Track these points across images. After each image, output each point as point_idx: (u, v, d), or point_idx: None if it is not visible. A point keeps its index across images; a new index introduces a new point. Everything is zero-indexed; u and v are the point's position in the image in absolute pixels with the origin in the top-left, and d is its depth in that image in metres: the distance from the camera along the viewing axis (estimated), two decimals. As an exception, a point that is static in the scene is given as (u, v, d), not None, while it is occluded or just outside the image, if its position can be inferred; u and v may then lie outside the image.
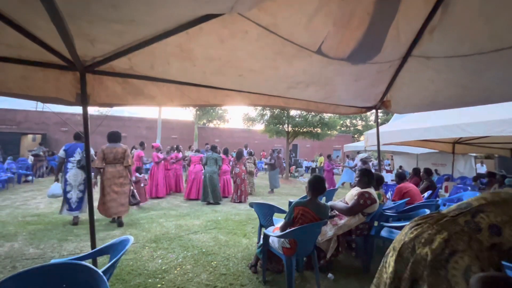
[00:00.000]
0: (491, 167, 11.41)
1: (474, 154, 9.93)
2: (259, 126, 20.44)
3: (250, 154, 8.79)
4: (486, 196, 1.26)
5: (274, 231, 2.55)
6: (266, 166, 10.54)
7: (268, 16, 1.70)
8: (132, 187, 4.50)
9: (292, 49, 1.98)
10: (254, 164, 8.59)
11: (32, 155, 11.19)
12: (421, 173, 5.58)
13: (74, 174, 4.24)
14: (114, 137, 4.45)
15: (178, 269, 2.73)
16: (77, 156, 4.31)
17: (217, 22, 1.70)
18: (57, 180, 4.36)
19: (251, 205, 3.30)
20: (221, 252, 3.21)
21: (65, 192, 4.22)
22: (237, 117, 37.06)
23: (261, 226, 3.29)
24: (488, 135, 4.15)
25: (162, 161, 7.10)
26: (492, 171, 5.81)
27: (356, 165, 9.48)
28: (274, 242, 2.42)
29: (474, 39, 1.97)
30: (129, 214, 5.00)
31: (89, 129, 2.30)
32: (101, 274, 1.22)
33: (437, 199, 4.81)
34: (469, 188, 5.56)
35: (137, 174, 5.86)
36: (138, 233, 3.88)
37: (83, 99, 2.15)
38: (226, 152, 7.54)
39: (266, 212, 3.14)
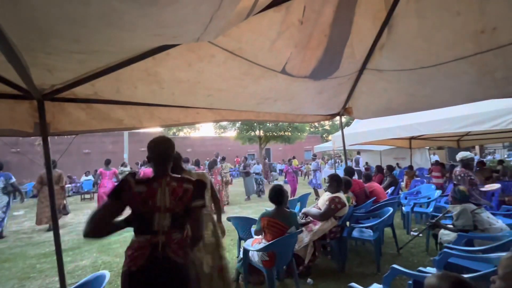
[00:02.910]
0: (442, 157, 12.67)
1: (428, 147, 10.97)
2: (231, 133, 20.50)
3: (223, 159, 8.67)
4: None
5: (253, 244, 2.60)
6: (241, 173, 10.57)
7: (233, 41, 1.78)
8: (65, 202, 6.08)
9: (258, 70, 2.08)
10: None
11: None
12: (384, 170, 6.03)
13: None
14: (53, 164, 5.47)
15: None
16: (0, 183, 5.20)
17: (183, 47, 1.74)
18: None
19: (229, 219, 3.32)
20: (202, 270, 3.16)
21: None
22: (208, 125, 36.56)
23: (240, 239, 3.32)
24: (437, 132, 4.67)
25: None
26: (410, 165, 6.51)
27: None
28: (253, 256, 2.47)
29: (416, 56, 2.25)
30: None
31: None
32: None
33: (400, 193, 5.25)
34: (425, 180, 6.15)
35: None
36: (111, 259, 3.67)
37: (43, 129, 2.02)
38: (197, 163, 7.44)
39: (244, 225, 3.18)
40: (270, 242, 2.27)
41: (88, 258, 3.77)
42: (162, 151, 1.51)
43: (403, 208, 4.50)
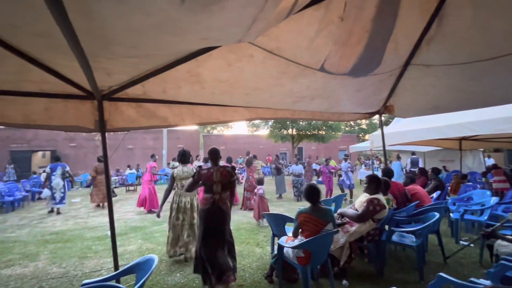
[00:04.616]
0: (500, 161, 11.26)
1: (482, 149, 9.84)
2: (264, 131, 20.62)
3: (255, 157, 8.71)
4: None
5: (287, 241, 2.62)
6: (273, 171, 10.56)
7: (272, 40, 1.81)
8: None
9: (296, 68, 2.09)
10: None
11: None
12: (428, 173, 5.58)
13: (56, 183, 6.75)
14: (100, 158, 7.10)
15: (196, 281, 2.81)
16: (59, 171, 6.87)
17: (224, 48, 1.82)
18: (46, 187, 6.91)
19: (263, 215, 3.38)
20: (237, 263, 3.28)
21: (51, 193, 6.78)
22: (241, 123, 37.11)
23: (273, 235, 3.36)
24: (494, 133, 4.18)
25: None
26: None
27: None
28: (288, 252, 2.49)
29: (471, 48, 2.05)
30: (143, 227, 5.13)
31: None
32: (133, 294, 1.33)
33: (447, 199, 4.82)
34: (478, 186, 5.55)
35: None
36: (154, 247, 3.98)
37: (101, 125, 2.28)
38: (229, 160, 7.63)
39: (278, 222, 3.21)
40: (306, 239, 2.28)
41: (134, 244, 4.14)
42: (215, 155, 2.90)
43: (451, 214, 4.13)
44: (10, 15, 1.12)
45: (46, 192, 6.89)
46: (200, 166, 2.85)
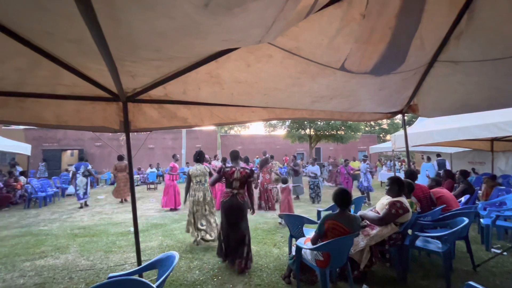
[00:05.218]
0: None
1: (517, 150, 9.14)
2: (281, 131, 20.52)
3: (272, 157, 8.66)
4: None
5: (305, 243, 2.59)
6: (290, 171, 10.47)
7: (291, 40, 1.80)
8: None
9: (315, 68, 2.06)
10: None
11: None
12: (456, 175, 5.28)
13: (80, 180, 7.49)
14: (122, 157, 8.24)
15: (215, 279, 2.86)
16: (82, 169, 7.57)
17: (244, 49, 1.84)
18: (72, 184, 8.18)
19: (281, 216, 3.37)
20: (254, 263, 3.29)
21: (75, 189, 7.57)
22: (258, 123, 37.22)
23: (291, 236, 3.33)
24: (531, 133, 3.88)
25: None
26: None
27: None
28: (306, 254, 2.46)
29: (506, 43, 1.92)
30: (164, 225, 5.29)
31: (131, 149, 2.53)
32: (156, 289, 1.37)
33: (477, 203, 4.54)
34: (513, 189, 5.16)
35: None
36: (174, 244, 4.10)
37: (126, 126, 2.38)
38: (246, 160, 7.65)
39: (296, 223, 3.19)
40: (325, 242, 2.24)
41: (155, 240, 4.28)
42: (235, 156, 3.42)
43: (482, 220, 3.88)
44: (47, 23, 1.20)
45: (71, 188, 8.47)
46: (224, 164, 3.50)
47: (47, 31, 1.29)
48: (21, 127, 16.51)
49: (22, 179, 8.70)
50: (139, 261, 2.45)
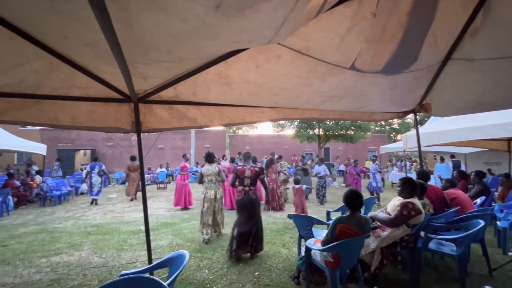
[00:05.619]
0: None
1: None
2: (289, 131, 20.44)
3: (280, 157, 8.61)
4: None
5: (315, 244, 2.57)
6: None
7: (300, 40, 1.79)
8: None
9: (324, 67, 2.04)
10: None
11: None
12: (471, 176, 5.12)
13: (95, 180, 7.94)
14: (134, 158, 8.65)
15: (224, 279, 2.88)
16: (96, 169, 8.02)
17: (253, 50, 1.84)
18: (85, 183, 8.95)
19: (290, 216, 3.36)
20: (263, 263, 3.30)
21: (90, 187, 8.03)
22: (267, 123, 37.14)
23: (300, 237, 3.32)
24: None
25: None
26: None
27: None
28: (316, 255, 2.45)
29: (524, 40, 1.86)
30: (173, 224, 5.36)
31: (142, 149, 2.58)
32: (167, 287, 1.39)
33: (493, 205, 4.39)
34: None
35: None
36: (183, 243, 4.15)
37: (137, 126, 2.43)
38: (254, 160, 7.65)
39: (305, 224, 3.17)
40: (334, 243, 2.22)
41: (165, 239, 4.34)
42: (248, 157, 3.82)
43: (498, 223, 3.75)
44: (63, 27, 1.24)
45: (83, 186, 9.38)
46: (237, 164, 4.04)
47: (63, 35, 1.33)
48: (38, 128, 17.09)
49: (38, 178, 8.99)
50: (150, 259, 2.49)
